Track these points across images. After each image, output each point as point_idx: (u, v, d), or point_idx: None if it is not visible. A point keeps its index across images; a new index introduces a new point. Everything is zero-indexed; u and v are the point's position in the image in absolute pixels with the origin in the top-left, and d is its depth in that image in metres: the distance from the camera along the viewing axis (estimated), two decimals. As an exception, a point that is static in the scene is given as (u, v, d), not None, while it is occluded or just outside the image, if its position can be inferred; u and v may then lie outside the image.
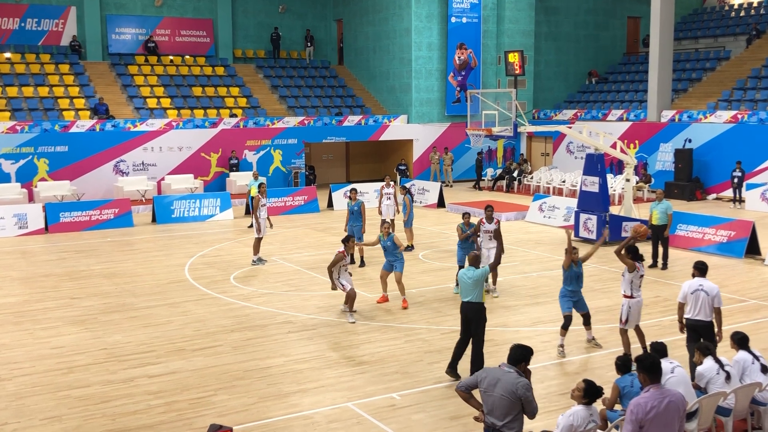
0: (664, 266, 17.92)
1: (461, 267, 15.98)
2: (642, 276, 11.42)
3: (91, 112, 31.03)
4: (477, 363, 10.63)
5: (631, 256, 11.42)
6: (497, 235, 12.76)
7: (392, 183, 21.08)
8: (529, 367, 7.23)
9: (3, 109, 30.10)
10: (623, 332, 11.59)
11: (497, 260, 11.99)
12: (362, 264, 18.33)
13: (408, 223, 19.99)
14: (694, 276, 10.47)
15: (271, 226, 19.35)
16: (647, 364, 6.70)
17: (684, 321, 10.39)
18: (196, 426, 9.43)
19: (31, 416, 9.76)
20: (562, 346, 12.04)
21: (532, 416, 7.01)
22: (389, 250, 14.78)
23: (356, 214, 18.25)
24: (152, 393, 10.50)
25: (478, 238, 15.47)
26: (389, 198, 20.66)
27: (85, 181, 29.04)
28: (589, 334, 12.57)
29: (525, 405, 6.95)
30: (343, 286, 13.79)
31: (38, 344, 12.65)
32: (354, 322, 13.61)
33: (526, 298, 15.41)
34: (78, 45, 34.49)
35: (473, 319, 10.65)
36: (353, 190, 19.01)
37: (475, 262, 10.90)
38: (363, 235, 18.50)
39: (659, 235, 17.91)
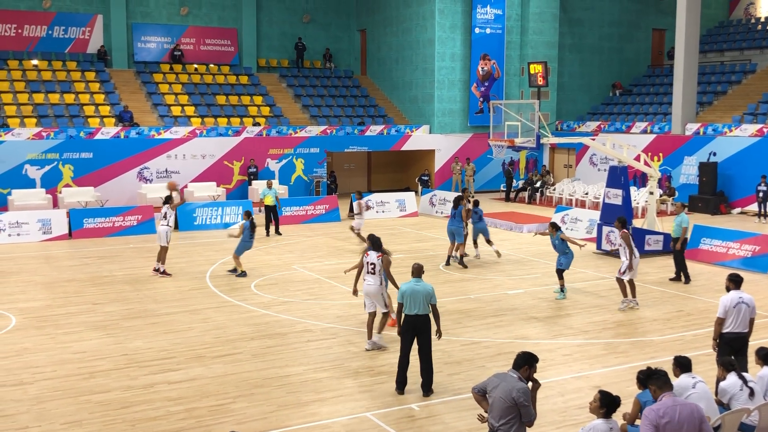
0: (676, 278, 17.81)
1: (561, 270, 16.32)
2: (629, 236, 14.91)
3: (116, 120, 31.32)
4: (429, 373, 10.60)
5: (621, 225, 15.15)
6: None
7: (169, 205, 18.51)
8: (550, 380, 7.23)
9: (29, 116, 30.46)
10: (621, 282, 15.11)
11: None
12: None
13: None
14: (729, 289, 10.37)
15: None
16: (650, 373, 7.47)
17: (721, 336, 10.25)
18: (214, 433, 9.46)
19: (52, 420, 9.82)
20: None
21: (527, 421, 7.12)
22: None
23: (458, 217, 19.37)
24: (172, 399, 10.53)
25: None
26: (164, 218, 18.36)
27: (109, 187, 29.29)
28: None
29: (520, 409, 7.08)
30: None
31: (60, 349, 12.74)
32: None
33: (547, 311, 15.31)
34: (105, 53, 34.87)
35: (422, 332, 10.51)
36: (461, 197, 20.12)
37: (419, 272, 10.81)
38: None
39: (673, 248, 17.89)
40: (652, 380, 7.27)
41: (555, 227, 16.35)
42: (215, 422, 9.78)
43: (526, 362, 7.36)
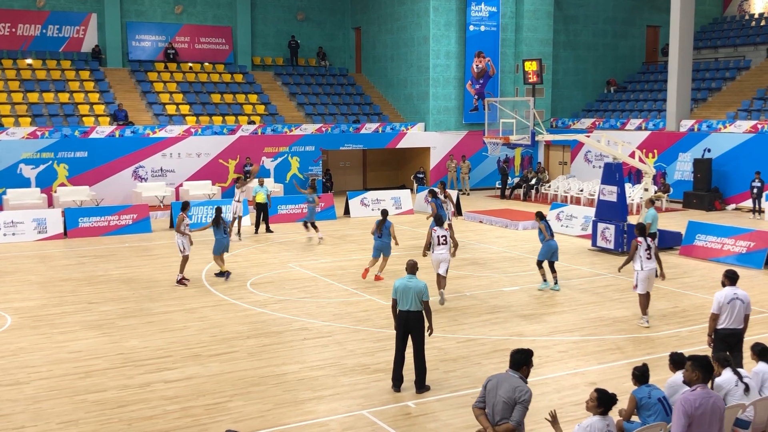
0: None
1: (541, 262, 16.63)
2: (647, 249, 13.50)
3: (110, 118, 31.26)
4: (421, 370, 10.70)
5: (638, 232, 13.80)
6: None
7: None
8: (546, 376, 7.21)
9: (24, 115, 30.38)
10: (640, 296, 13.85)
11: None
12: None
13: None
14: (724, 285, 10.40)
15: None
16: (704, 362, 7.22)
17: (715, 332, 10.28)
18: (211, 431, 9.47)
19: (48, 420, 9.81)
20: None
21: (514, 422, 6.97)
22: None
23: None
24: (168, 398, 10.53)
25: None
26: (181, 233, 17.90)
27: (104, 186, 29.22)
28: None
29: (516, 409, 6.97)
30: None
31: (56, 348, 12.73)
32: None
33: (543, 307, 15.34)
34: (99, 51, 34.80)
35: (414, 328, 10.59)
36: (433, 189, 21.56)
37: (412, 269, 10.91)
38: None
39: None
40: (700, 368, 7.14)
41: (539, 216, 16.64)
42: (211, 421, 9.78)
43: (525, 362, 7.23)
